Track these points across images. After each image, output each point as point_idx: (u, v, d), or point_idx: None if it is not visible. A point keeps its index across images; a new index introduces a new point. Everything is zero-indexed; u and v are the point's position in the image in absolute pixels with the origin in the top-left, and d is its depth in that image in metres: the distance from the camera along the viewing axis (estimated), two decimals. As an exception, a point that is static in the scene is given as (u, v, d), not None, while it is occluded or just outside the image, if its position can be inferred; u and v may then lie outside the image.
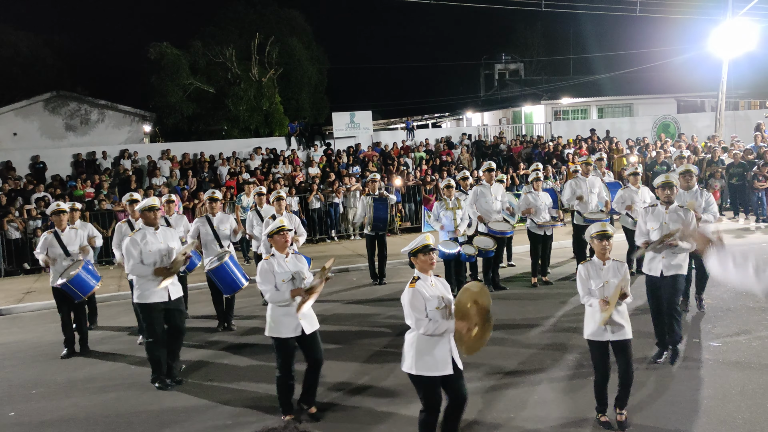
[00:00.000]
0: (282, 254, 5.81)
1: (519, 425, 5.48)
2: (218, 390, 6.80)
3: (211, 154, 21.65)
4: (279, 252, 5.82)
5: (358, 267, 13.06)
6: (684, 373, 6.38)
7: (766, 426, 5.13)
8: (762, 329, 7.58)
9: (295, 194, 17.00)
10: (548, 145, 22.31)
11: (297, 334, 5.71)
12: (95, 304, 9.85)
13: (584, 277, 5.46)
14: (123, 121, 27.16)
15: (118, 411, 6.39)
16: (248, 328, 9.16)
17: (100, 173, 19.64)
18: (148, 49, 28.77)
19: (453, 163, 21.15)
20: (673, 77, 30.16)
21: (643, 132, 24.71)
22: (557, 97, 31.43)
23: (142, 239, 6.91)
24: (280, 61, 31.05)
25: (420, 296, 4.61)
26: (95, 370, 7.79)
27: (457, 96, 42.21)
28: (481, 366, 6.90)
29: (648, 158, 18.85)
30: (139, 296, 6.98)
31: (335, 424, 5.78)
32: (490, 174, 10.67)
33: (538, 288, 10.48)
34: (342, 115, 24.09)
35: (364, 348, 7.89)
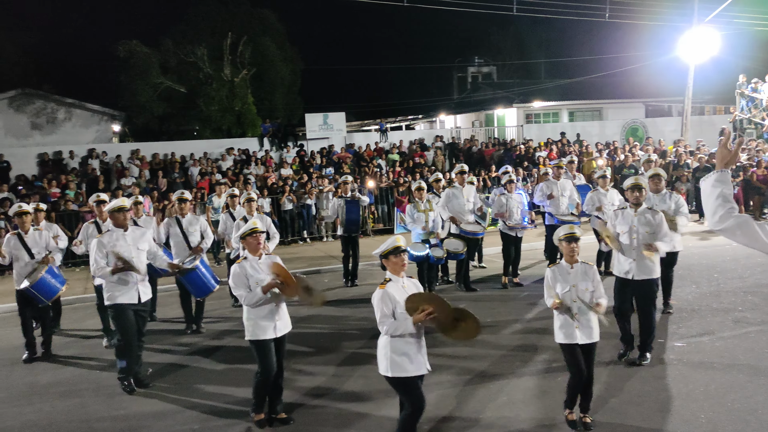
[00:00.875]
0: (255, 256, 5.75)
1: (488, 426, 5.51)
2: (186, 394, 6.72)
3: (182, 154, 21.41)
4: (252, 254, 5.76)
5: (330, 269, 13.02)
6: (649, 373, 6.48)
7: (727, 425, 5.24)
8: (725, 330, 7.75)
9: (267, 195, 16.90)
10: (520, 147, 22.52)
11: (276, 335, 5.68)
12: (60, 307, 9.66)
13: (551, 281, 5.52)
14: (91, 120, 26.68)
15: (82, 417, 6.28)
16: (218, 331, 9.07)
17: (66, 173, 19.28)
18: (117, 46, 28.35)
19: (426, 165, 21.22)
20: (641, 82, 30.72)
21: (612, 136, 25.12)
22: (529, 100, 31.78)
23: (109, 241, 6.80)
24: (252, 61, 30.84)
25: (388, 298, 4.62)
26: (59, 374, 7.64)
27: (431, 98, 42.41)
28: (451, 367, 6.94)
29: (617, 161, 19.15)
30: (110, 298, 6.84)
31: (306, 427, 5.75)
32: (462, 176, 10.72)
33: (509, 289, 10.57)
34: (315, 116, 24.02)
35: (336, 350, 7.87)
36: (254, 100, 31.11)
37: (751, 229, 3.09)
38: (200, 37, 30.38)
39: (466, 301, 9.79)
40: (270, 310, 5.65)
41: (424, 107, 40.80)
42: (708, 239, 14.37)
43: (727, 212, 3.15)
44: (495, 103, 33.77)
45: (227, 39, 29.56)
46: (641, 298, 6.75)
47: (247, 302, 5.58)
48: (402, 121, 40.27)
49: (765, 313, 8.24)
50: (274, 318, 5.65)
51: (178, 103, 30.90)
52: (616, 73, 31.66)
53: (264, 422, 5.71)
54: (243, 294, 5.58)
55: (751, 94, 22.05)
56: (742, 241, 3.12)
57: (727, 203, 3.19)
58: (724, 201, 3.19)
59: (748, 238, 3.10)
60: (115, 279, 6.76)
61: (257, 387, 5.75)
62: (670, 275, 8.57)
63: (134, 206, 9.74)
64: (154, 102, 29.42)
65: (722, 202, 3.18)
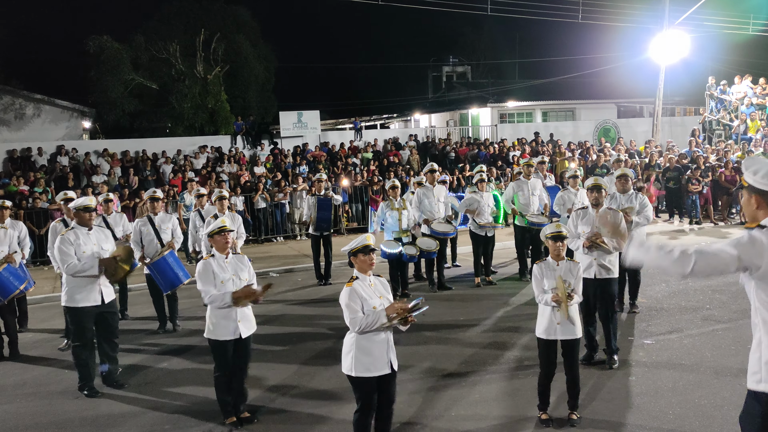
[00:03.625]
0: (222, 255, 5.69)
1: (459, 423, 5.53)
2: (157, 394, 6.63)
3: (154, 152, 21.13)
4: (219, 252, 5.69)
5: (303, 267, 12.96)
6: (618, 370, 6.56)
7: (694, 420, 5.34)
8: (693, 328, 7.89)
9: (240, 194, 16.76)
10: (494, 147, 22.66)
11: (235, 337, 5.60)
12: (25, 306, 9.47)
13: (538, 277, 5.55)
14: (61, 117, 26.16)
15: (50, 418, 6.15)
16: (189, 330, 8.96)
17: (35, 170, 18.89)
18: (88, 42, 27.87)
19: (401, 164, 21.23)
20: (613, 83, 31.15)
21: (585, 136, 25.40)
22: (503, 100, 32.00)
23: (75, 239, 6.66)
24: (226, 59, 30.58)
25: (356, 295, 4.59)
26: (26, 375, 7.48)
27: (405, 97, 42.48)
28: (422, 365, 6.96)
29: (589, 161, 19.38)
30: (68, 300, 6.68)
31: (273, 425, 5.71)
32: (432, 175, 10.75)
33: (482, 288, 10.62)
34: (289, 114, 23.88)
35: (306, 349, 7.83)
36: (228, 97, 30.83)
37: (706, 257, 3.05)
38: (173, 33, 30.03)
39: (439, 300, 9.82)
40: (231, 311, 5.58)
41: (398, 106, 40.87)
42: (678, 238, 14.63)
43: (681, 256, 3.06)
44: (469, 103, 33.94)
45: (200, 35, 29.24)
46: (602, 299, 6.72)
47: (211, 302, 5.50)
48: (377, 120, 40.25)
49: (732, 311, 8.41)
50: (235, 319, 5.58)
51: (149, 100, 30.51)
52: (589, 74, 32.08)
53: (237, 423, 5.65)
54: (209, 292, 5.48)
55: (720, 96, 22.48)
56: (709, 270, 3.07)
57: (667, 247, 3.13)
58: (667, 250, 3.11)
59: (710, 265, 3.05)
60: (76, 280, 6.61)
61: (217, 387, 5.70)
62: (638, 277, 8.66)
63: (104, 204, 9.58)
64: (125, 99, 29.01)
65: (666, 252, 3.10)
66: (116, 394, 6.67)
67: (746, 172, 3.14)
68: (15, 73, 27.97)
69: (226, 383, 5.69)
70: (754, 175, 3.10)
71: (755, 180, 3.09)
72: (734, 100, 21.83)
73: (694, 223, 15.99)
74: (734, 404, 5.57)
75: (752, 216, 3.16)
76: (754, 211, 3.14)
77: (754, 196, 3.12)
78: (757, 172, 3.09)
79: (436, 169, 10.96)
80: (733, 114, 21.81)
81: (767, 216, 3.08)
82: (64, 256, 6.59)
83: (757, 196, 3.11)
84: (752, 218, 3.15)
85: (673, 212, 16.83)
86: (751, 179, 3.11)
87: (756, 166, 3.11)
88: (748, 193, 3.15)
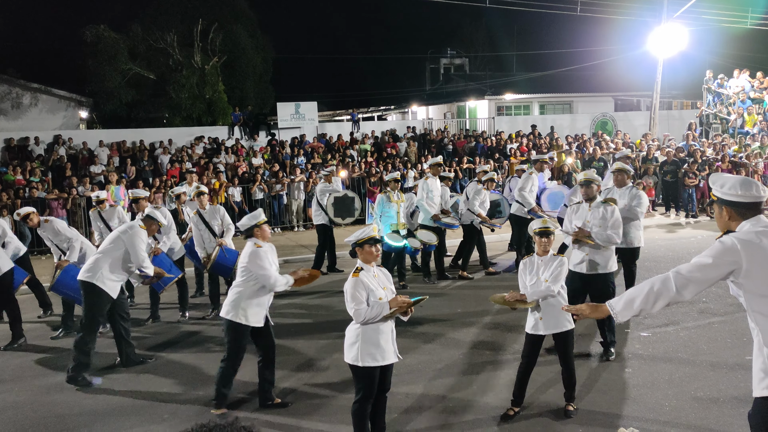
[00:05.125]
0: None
1: (455, 412, 5.57)
2: (156, 383, 6.66)
3: (151, 142, 21.08)
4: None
5: (301, 258, 12.97)
6: (615, 363, 6.61)
7: (690, 412, 5.38)
8: (689, 320, 7.94)
9: (238, 184, 16.76)
10: (491, 139, 22.65)
11: (260, 324, 5.73)
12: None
13: (521, 272, 5.62)
14: (58, 106, 26.08)
15: (48, 408, 6.17)
16: (189, 319, 9.02)
17: (32, 159, 18.83)
18: (84, 31, 27.71)
19: (398, 156, 21.24)
20: (611, 76, 31.16)
21: (582, 129, 25.41)
22: (501, 92, 31.98)
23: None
24: (223, 49, 30.43)
25: (362, 286, 4.62)
26: (23, 364, 7.50)
27: (403, 89, 42.36)
28: (419, 357, 7.01)
29: (586, 155, 19.40)
30: (107, 285, 6.80)
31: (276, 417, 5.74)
32: (437, 168, 10.82)
33: (480, 279, 10.70)
34: (287, 105, 23.83)
35: (307, 341, 7.86)
36: (225, 88, 30.71)
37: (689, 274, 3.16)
38: (170, 23, 29.85)
39: (438, 293, 9.85)
40: (267, 300, 5.78)
41: (396, 98, 40.77)
42: (674, 232, 14.69)
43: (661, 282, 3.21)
44: (467, 95, 33.91)
45: (198, 25, 29.09)
46: (594, 297, 6.55)
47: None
48: (374, 112, 40.19)
49: (728, 304, 8.46)
50: (266, 306, 5.78)
51: (147, 90, 30.38)
52: (587, 67, 32.07)
53: (226, 416, 5.60)
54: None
55: (717, 89, 22.49)
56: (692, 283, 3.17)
57: (645, 286, 3.27)
58: (647, 289, 3.26)
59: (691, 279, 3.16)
60: (118, 272, 6.91)
61: (224, 375, 5.70)
62: (633, 269, 8.62)
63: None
64: (122, 88, 28.88)
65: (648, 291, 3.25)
66: (114, 383, 6.69)
67: (714, 186, 3.29)
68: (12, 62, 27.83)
69: (233, 373, 5.74)
70: (722, 188, 3.25)
71: (723, 192, 3.24)
72: (732, 94, 21.85)
73: (690, 217, 16.05)
74: (731, 397, 5.63)
75: (725, 227, 3.30)
76: (727, 222, 3.28)
77: (724, 207, 3.27)
78: (723, 185, 3.24)
79: (441, 163, 11.11)
80: (731, 108, 21.83)
81: (738, 225, 3.21)
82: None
83: (727, 208, 3.25)
84: (725, 229, 3.29)
85: (669, 206, 16.88)
86: (719, 192, 3.25)
87: (722, 180, 3.28)
88: (719, 206, 3.30)
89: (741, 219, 3.21)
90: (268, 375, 5.88)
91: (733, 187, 3.19)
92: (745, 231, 3.15)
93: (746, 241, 3.08)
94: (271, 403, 5.87)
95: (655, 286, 3.22)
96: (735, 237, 3.12)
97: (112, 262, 6.84)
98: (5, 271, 8.31)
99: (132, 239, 6.92)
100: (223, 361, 5.77)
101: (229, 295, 5.80)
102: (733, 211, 3.23)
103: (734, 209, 3.22)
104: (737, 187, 3.18)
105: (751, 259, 3.05)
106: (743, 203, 3.18)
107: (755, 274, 3.06)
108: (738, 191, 3.18)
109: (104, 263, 6.81)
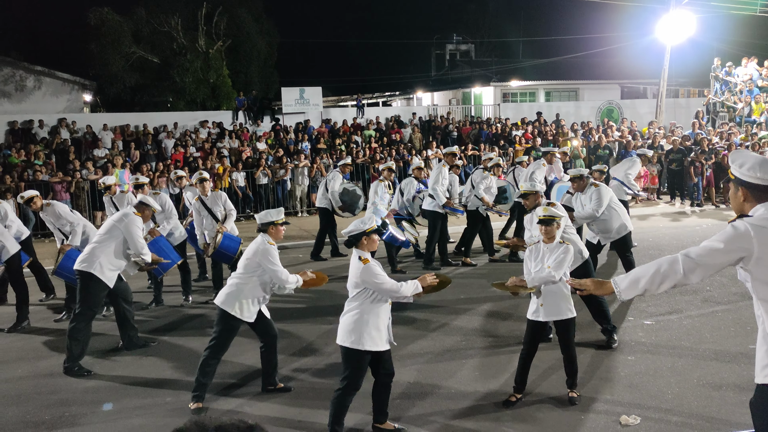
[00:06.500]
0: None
1: (455, 397, 5.57)
2: (157, 366, 6.69)
3: (155, 126, 21.04)
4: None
5: (304, 244, 12.96)
6: (618, 350, 6.60)
7: (693, 400, 5.37)
8: (693, 309, 7.91)
9: (242, 169, 16.73)
10: (496, 126, 22.54)
11: (252, 320, 5.71)
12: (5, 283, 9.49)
13: (527, 259, 5.61)
14: (62, 89, 26.01)
15: (51, 389, 6.21)
16: (193, 303, 9.05)
17: (35, 142, 18.82)
18: (88, 14, 27.58)
19: (402, 142, 21.16)
20: (618, 64, 30.86)
21: (587, 116, 25.25)
22: (506, 79, 31.75)
23: None
24: (228, 33, 30.29)
25: (380, 267, 4.78)
26: (26, 347, 7.54)
27: (408, 75, 42.13)
28: (421, 342, 7.00)
29: (591, 142, 19.30)
30: (104, 274, 6.74)
31: (277, 403, 5.75)
32: (453, 158, 10.86)
33: (483, 266, 10.67)
34: (291, 90, 23.73)
35: (309, 326, 7.87)
36: (229, 72, 30.59)
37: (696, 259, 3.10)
38: (174, 6, 29.66)
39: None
40: (265, 298, 5.78)
41: (401, 84, 40.56)
42: (679, 220, 14.63)
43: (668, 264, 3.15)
44: (472, 81, 33.69)
45: (202, 9, 28.94)
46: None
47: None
48: (379, 98, 39.99)
49: (732, 293, 8.43)
50: (261, 305, 5.78)
51: (151, 74, 30.26)
52: (593, 54, 31.75)
53: (200, 411, 5.50)
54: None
55: (725, 77, 22.29)
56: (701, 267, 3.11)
57: (652, 267, 3.20)
58: (653, 270, 3.19)
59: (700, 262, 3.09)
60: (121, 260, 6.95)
61: (206, 367, 5.59)
62: (629, 257, 8.57)
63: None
64: (126, 72, 28.77)
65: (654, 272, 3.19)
66: (117, 366, 6.72)
67: (733, 165, 3.18)
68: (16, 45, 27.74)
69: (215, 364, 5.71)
70: (740, 168, 3.13)
71: (741, 172, 3.12)
72: (739, 82, 21.65)
73: (695, 206, 15.96)
74: (733, 385, 5.61)
75: (739, 208, 3.19)
76: (741, 203, 3.18)
77: (740, 188, 3.16)
78: (743, 165, 3.12)
79: (456, 153, 11.23)
80: (738, 96, 21.65)
81: (753, 208, 3.11)
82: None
83: (743, 188, 3.15)
84: (739, 210, 3.19)
85: (674, 194, 16.79)
86: (737, 172, 3.14)
87: (742, 159, 3.15)
88: (735, 186, 3.19)
89: (756, 202, 3.09)
90: (270, 360, 5.88)
91: (752, 168, 3.07)
92: (759, 216, 3.03)
93: (760, 227, 2.97)
94: (273, 388, 5.88)
95: (662, 267, 3.15)
96: (749, 222, 3.00)
97: (110, 251, 6.78)
98: (13, 253, 8.33)
99: (128, 227, 6.89)
100: (207, 349, 5.65)
101: (228, 285, 5.73)
102: (749, 192, 3.12)
103: (750, 191, 3.11)
104: (756, 169, 3.07)
105: (763, 247, 2.95)
106: (761, 186, 3.07)
107: (767, 261, 2.98)
108: (757, 173, 3.06)
109: (101, 253, 6.75)
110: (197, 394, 5.60)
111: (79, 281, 6.75)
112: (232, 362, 6.47)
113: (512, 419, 5.21)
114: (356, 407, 5.05)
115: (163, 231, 8.81)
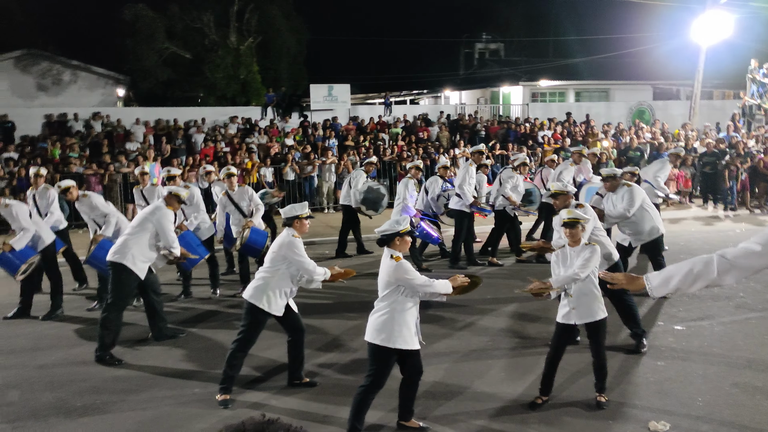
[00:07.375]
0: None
1: (480, 398, 5.55)
2: (186, 357, 6.77)
3: (186, 121, 21.29)
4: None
5: (330, 240, 12.99)
6: (647, 356, 6.50)
7: (724, 408, 5.27)
8: (725, 315, 7.76)
9: (270, 165, 16.84)
10: (524, 126, 22.35)
11: (280, 314, 5.74)
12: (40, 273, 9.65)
13: (554, 264, 5.57)
14: (96, 84, 26.50)
15: (83, 375, 6.33)
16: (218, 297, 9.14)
17: (71, 135, 19.19)
18: (123, 10, 28.03)
19: (429, 140, 21.11)
20: (650, 64, 30.35)
21: (618, 117, 24.90)
22: (536, 78, 31.45)
23: None
24: (259, 29, 30.51)
25: (410, 265, 4.80)
26: (60, 334, 7.70)
27: (436, 73, 41.94)
28: (447, 342, 7.00)
29: (622, 143, 19.04)
30: (134, 264, 6.83)
31: (298, 401, 5.79)
32: (480, 156, 10.81)
33: (510, 266, 10.62)
34: (320, 87, 23.83)
35: (336, 320, 7.90)
36: (259, 68, 30.83)
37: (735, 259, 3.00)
38: (207, 3, 29.97)
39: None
40: (292, 292, 5.81)
41: (429, 82, 40.40)
42: (712, 224, 14.37)
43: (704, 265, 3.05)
44: (501, 81, 33.42)
45: (234, 6, 29.20)
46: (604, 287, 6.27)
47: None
48: (407, 96, 39.94)
49: (766, 300, 8.25)
50: (289, 298, 5.81)
51: (183, 70, 30.63)
52: (625, 54, 31.28)
53: (227, 403, 5.57)
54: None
55: (763, 79, 21.78)
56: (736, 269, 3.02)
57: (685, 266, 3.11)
58: (686, 269, 3.10)
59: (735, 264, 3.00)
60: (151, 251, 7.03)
61: (234, 359, 5.63)
62: (660, 260, 8.40)
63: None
64: (159, 67, 29.16)
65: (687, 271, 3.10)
66: (147, 356, 6.82)
67: None
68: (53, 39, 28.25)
69: (243, 358, 5.76)
70: None
71: None
72: (777, 84, 21.16)
73: (729, 210, 15.66)
74: (767, 394, 5.50)
75: None
76: None
77: None
78: None
79: (483, 152, 11.22)
80: (775, 99, 21.16)
81: None
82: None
83: None
84: None
85: (707, 198, 16.49)
86: None
87: None
88: None
89: None
90: (296, 354, 5.92)
91: None
92: None
93: None
94: (298, 383, 5.92)
95: (695, 267, 3.07)
96: None
97: (142, 244, 6.88)
98: (48, 243, 8.51)
99: (161, 221, 6.98)
100: (235, 342, 5.72)
101: (255, 279, 5.80)
102: None
103: None
104: None
105: None
106: None
107: None
108: None
109: (134, 244, 6.85)
110: (224, 386, 5.65)
111: (112, 272, 6.86)
112: (258, 356, 6.52)
113: (539, 422, 5.17)
114: (378, 404, 5.06)
115: (190, 225, 8.92)
